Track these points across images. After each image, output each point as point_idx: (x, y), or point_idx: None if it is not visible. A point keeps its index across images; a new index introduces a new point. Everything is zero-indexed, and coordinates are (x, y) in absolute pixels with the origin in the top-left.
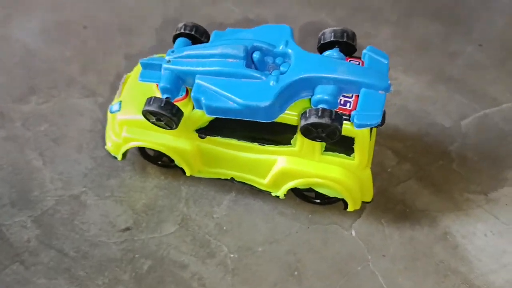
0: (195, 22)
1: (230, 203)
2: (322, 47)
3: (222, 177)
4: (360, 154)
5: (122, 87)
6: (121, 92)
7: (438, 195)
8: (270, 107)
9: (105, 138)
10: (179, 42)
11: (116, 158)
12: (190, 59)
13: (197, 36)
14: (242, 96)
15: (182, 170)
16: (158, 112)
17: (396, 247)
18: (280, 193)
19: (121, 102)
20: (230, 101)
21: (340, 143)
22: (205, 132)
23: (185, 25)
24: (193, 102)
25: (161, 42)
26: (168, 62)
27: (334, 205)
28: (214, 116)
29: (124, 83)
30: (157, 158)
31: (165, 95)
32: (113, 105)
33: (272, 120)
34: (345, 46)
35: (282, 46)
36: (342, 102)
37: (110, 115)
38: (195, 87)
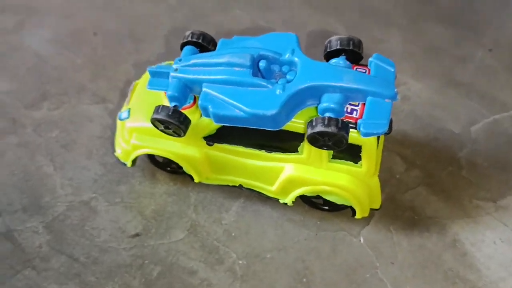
0: (204, 29)
1: (238, 210)
2: (328, 55)
3: (230, 184)
4: (367, 161)
5: (131, 94)
6: (129, 99)
7: (447, 202)
8: (277, 116)
9: (114, 144)
10: (186, 51)
11: (125, 164)
12: (197, 68)
13: (204, 44)
14: (249, 104)
15: (191, 177)
16: (166, 120)
17: (404, 255)
18: (288, 200)
19: (130, 110)
20: (237, 109)
21: (347, 151)
22: (213, 139)
23: (192, 33)
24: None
25: (170, 50)
26: (175, 70)
27: (343, 212)
28: (222, 124)
29: (132, 90)
30: (166, 164)
31: (173, 103)
32: (122, 112)
33: (279, 128)
34: (351, 54)
35: (288, 55)
36: (349, 110)
37: (119, 122)
38: (202, 96)
